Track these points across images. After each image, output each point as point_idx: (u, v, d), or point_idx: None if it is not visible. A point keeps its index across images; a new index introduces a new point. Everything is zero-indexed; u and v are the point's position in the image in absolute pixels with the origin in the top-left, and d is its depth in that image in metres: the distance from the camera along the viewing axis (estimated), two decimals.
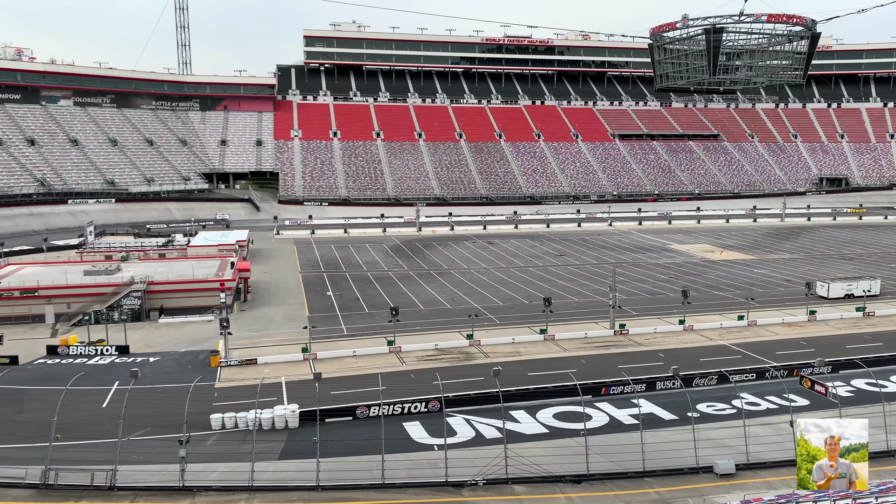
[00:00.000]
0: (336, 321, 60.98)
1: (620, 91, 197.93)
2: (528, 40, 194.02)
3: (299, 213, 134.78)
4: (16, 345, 51.52)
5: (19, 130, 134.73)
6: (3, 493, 29.20)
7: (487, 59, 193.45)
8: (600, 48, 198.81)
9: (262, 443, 33.15)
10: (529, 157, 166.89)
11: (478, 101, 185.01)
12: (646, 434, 31.98)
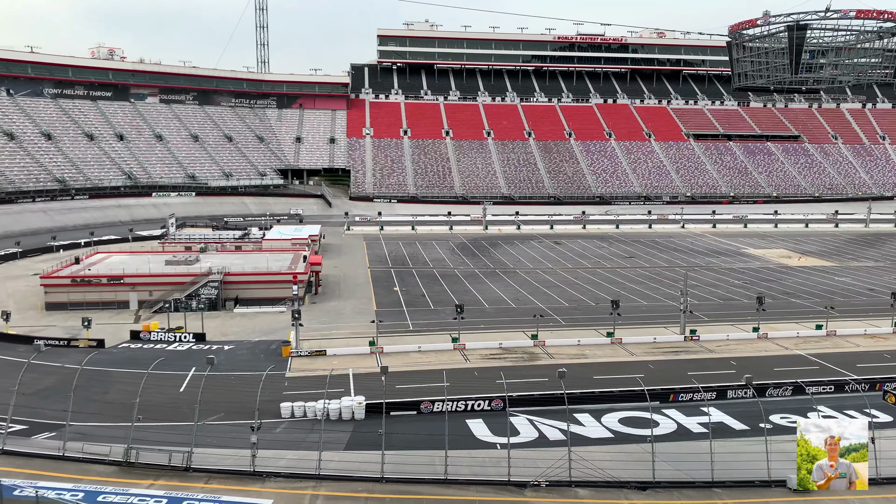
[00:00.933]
0: (402, 316, 61.84)
1: (696, 90, 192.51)
2: (601, 38, 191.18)
3: (369, 209, 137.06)
4: (102, 329, 54.56)
5: (110, 126, 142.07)
6: (90, 467, 30.96)
7: (559, 57, 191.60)
8: (676, 46, 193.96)
9: (330, 433, 33.99)
10: (600, 157, 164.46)
11: (548, 100, 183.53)
12: (715, 443, 31.14)
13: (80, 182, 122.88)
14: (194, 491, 28.85)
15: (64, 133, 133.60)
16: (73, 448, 31.86)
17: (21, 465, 30.76)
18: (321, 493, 29.20)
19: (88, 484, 29.11)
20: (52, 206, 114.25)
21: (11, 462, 31.11)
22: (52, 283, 63.30)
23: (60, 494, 27.56)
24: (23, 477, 28.96)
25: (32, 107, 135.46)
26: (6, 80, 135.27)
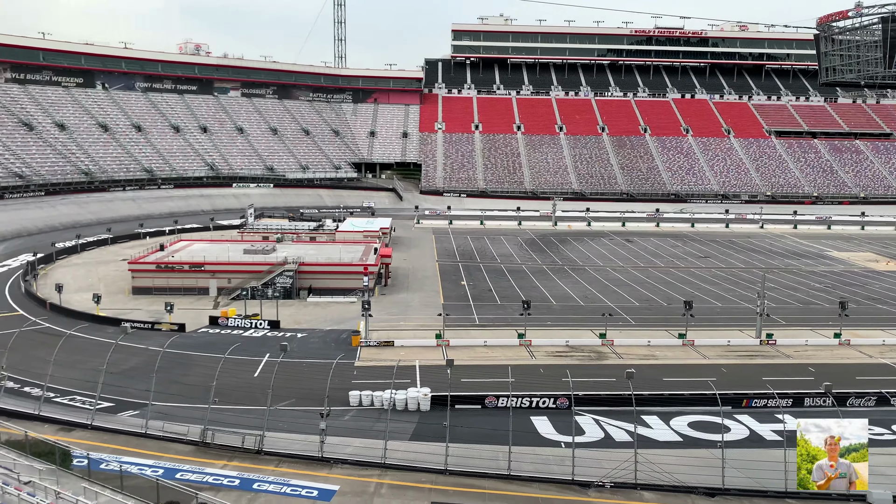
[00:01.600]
0: (469, 310, 62.16)
1: (779, 85, 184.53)
2: (679, 31, 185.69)
3: (439, 203, 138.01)
4: (184, 314, 57.10)
5: (194, 119, 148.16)
6: (169, 446, 32.63)
7: (635, 51, 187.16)
8: (759, 39, 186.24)
9: (395, 422, 34.69)
10: (675, 153, 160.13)
11: (623, 94, 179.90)
12: (790, 452, 30.09)
13: (167, 172, 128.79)
14: (265, 473, 30.01)
15: (152, 125, 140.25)
16: (154, 426, 33.66)
17: (107, 441, 32.72)
18: (386, 481, 29.87)
19: (167, 461, 30.73)
20: (140, 194, 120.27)
21: (99, 437, 33.13)
22: (139, 269, 66.64)
23: (142, 470, 29.21)
24: (108, 451, 30.82)
25: (125, 100, 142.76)
26: (102, 75, 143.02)
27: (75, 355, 43.57)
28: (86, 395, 38.05)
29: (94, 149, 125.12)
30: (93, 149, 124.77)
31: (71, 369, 40.88)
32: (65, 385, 39.49)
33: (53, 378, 37.56)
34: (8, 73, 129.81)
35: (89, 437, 32.86)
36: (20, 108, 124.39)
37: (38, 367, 40.20)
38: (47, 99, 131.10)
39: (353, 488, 29.10)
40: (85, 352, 45.16)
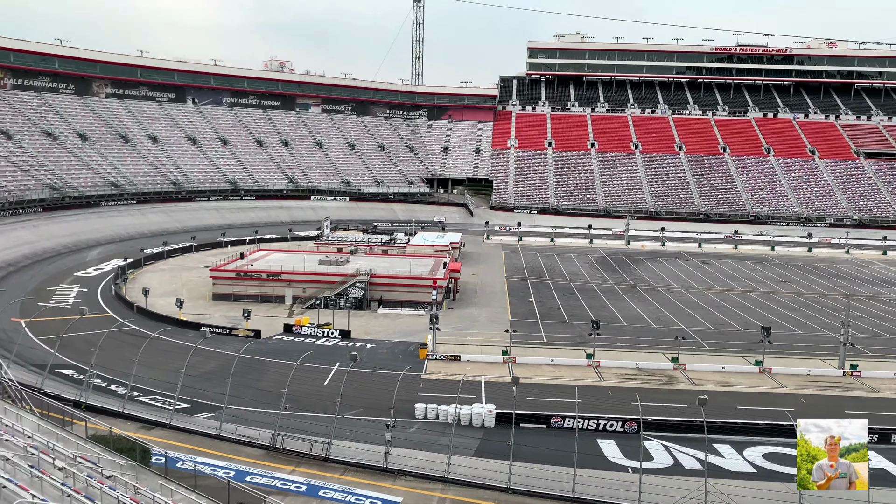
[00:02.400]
0: (536, 328, 61.75)
1: (870, 104, 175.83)
2: (762, 49, 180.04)
3: (509, 219, 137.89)
4: (260, 320, 59.03)
5: (276, 133, 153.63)
6: (241, 449, 33.68)
7: (715, 68, 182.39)
8: (848, 57, 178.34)
9: (460, 437, 34.73)
10: (756, 173, 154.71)
11: (702, 113, 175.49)
12: (875, 492, 28.47)
13: (249, 184, 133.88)
14: (331, 481, 30.55)
15: (237, 139, 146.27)
16: (227, 429, 34.84)
17: (183, 440, 34.08)
18: (449, 496, 29.92)
19: (239, 464, 31.72)
20: (223, 204, 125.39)
21: (176, 436, 34.56)
22: (220, 276, 69.44)
23: (215, 471, 30.26)
24: (184, 451, 32.09)
25: (212, 114, 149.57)
26: (192, 90, 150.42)
27: (158, 357, 45.64)
28: (166, 396, 39.85)
29: (183, 160, 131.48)
30: (181, 160, 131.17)
31: (153, 370, 42.87)
32: (147, 385, 41.49)
33: (137, 378, 39.56)
34: (108, 88, 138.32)
35: (167, 436, 34.29)
36: (118, 121, 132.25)
37: (123, 366, 42.38)
38: (142, 113, 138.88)
39: (416, 501, 29.26)
40: (167, 354, 47.24)
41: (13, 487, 15.53)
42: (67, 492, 17.61)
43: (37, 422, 28.27)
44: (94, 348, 41.98)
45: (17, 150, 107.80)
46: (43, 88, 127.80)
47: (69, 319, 51.74)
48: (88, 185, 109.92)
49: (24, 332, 51.80)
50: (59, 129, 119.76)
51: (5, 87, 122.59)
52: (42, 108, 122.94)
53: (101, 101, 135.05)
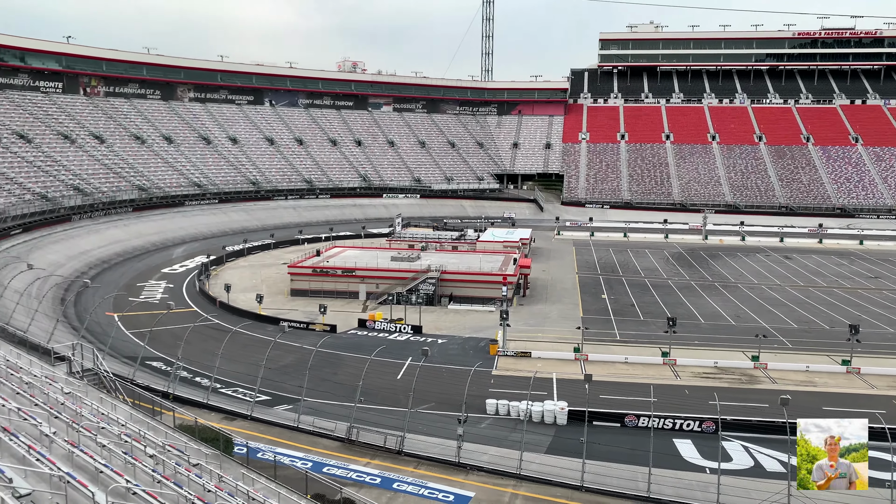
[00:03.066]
0: (609, 325, 60.83)
1: None
2: (850, 32, 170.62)
3: (580, 214, 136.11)
4: (335, 315, 60.52)
5: (350, 133, 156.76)
6: (318, 440, 34.66)
7: (798, 54, 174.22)
8: None
9: (531, 434, 34.69)
10: (843, 164, 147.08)
11: (783, 101, 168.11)
12: None
13: (324, 183, 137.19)
14: (404, 474, 31.05)
15: (312, 139, 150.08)
16: (305, 421, 35.94)
17: (263, 431, 35.37)
18: (521, 492, 29.95)
19: (316, 455, 32.66)
20: (300, 203, 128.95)
21: (256, 427, 35.91)
22: (297, 273, 71.53)
23: (293, 461, 31.30)
24: (264, 442, 33.30)
25: (289, 115, 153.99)
26: (269, 93, 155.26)
27: (239, 350, 47.47)
28: (247, 388, 41.46)
29: (262, 161, 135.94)
30: (260, 161, 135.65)
31: (235, 363, 44.63)
32: (229, 377, 43.25)
33: (220, 370, 41.29)
34: (191, 92, 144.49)
35: (248, 427, 35.67)
36: (200, 124, 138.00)
37: (207, 359, 44.33)
38: (223, 115, 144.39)
39: (488, 496, 29.44)
40: (247, 347, 49.04)
41: (109, 472, 16.56)
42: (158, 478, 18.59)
43: (129, 411, 29.92)
44: (180, 342, 44.06)
45: (110, 154, 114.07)
46: (132, 94, 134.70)
47: (157, 314, 54.50)
48: (174, 186, 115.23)
49: (116, 326, 54.89)
50: (147, 133, 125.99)
51: (98, 94, 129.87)
52: (131, 114, 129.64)
53: (184, 105, 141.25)
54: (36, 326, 45.71)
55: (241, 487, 22.63)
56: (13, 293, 52.19)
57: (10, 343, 37.24)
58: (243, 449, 30.54)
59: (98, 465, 16.70)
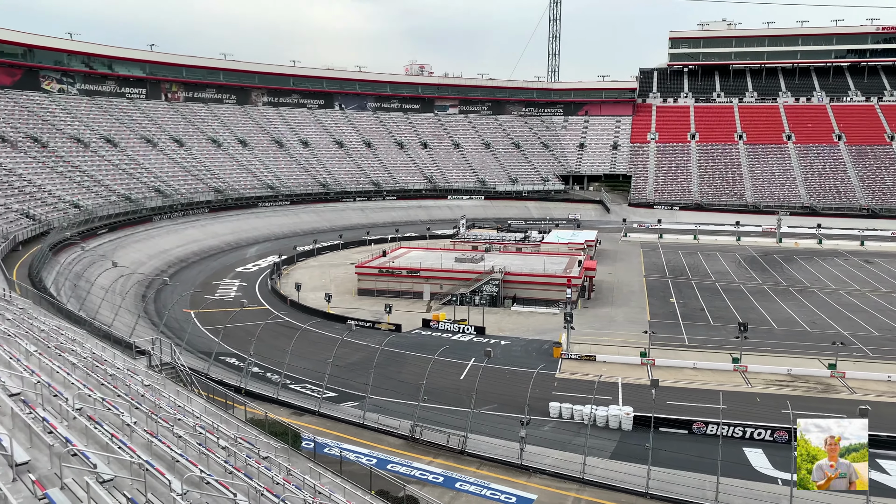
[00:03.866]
0: (677, 329, 59.47)
1: None
2: None
3: (648, 216, 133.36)
4: (400, 315, 61.38)
5: (416, 135, 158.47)
6: (382, 438, 35.25)
7: (882, 50, 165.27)
8: None
9: (595, 438, 34.29)
10: None
11: (865, 99, 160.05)
12: None
13: (391, 185, 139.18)
14: (467, 474, 31.26)
15: (380, 142, 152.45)
16: (370, 418, 36.62)
17: (330, 427, 36.23)
18: (584, 497, 29.69)
19: (380, 452, 33.25)
20: (367, 205, 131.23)
21: (323, 423, 36.80)
22: (364, 273, 72.90)
23: (358, 457, 31.96)
24: (331, 438, 34.12)
25: (357, 119, 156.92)
26: (339, 97, 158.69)
27: (308, 347, 48.78)
28: (315, 385, 42.56)
29: (331, 163, 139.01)
30: (330, 163, 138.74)
31: (304, 360, 45.89)
32: (298, 373, 44.51)
33: (289, 367, 42.54)
34: (265, 97, 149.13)
35: (315, 423, 36.58)
36: (273, 127, 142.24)
37: (277, 355, 45.74)
38: (295, 119, 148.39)
39: (550, 499, 29.31)
40: (316, 345, 50.35)
41: (185, 462, 17.38)
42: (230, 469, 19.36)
43: (204, 404, 31.22)
44: (252, 338, 45.63)
45: (188, 157, 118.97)
46: (209, 99, 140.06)
47: (231, 311, 56.53)
48: (248, 188, 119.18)
49: (193, 322, 57.17)
50: (223, 137, 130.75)
51: (178, 99, 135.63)
52: (208, 118, 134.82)
53: (258, 110, 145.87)
54: (119, 321, 48.20)
55: (308, 481, 23.28)
56: (99, 290, 55.19)
57: (96, 337, 39.41)
58: (311, 444, 31.37)
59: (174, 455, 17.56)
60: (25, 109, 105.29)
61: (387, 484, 28.22)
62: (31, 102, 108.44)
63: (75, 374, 22.09)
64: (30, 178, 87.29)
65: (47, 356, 22.70)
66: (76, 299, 54.48)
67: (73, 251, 69.84)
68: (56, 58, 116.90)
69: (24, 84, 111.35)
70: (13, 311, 32.11)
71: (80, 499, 11.51)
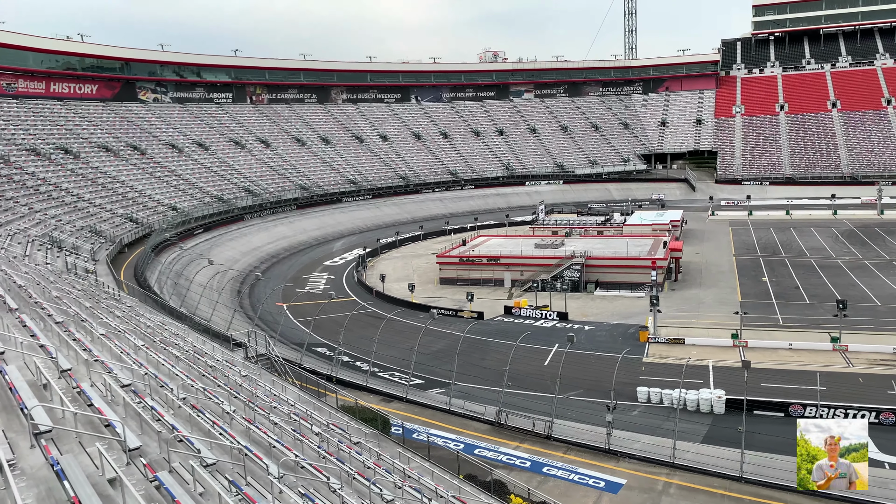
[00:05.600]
0: (770, 309, 57.13)
1: None
2: None
3: (736, 192, 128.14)
4: (482, 303, 61.81)
5: (492, 122, 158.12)
6: (468, 423, 35.86)
7: None
8: None
9: (685, 423, 33.62)
10: None
11: None
12: None
13: (468, 174, 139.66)
14: (554, 459, 31.41)
15: (456, 131, 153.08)
16: (456, 404, 37.32)
17: (417, 413, 37.16)
18: (675, 481, 29.29)
19: (467, 437, 33.86)
20: (446, 195, 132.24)
21: (411, 409, 37.78)
22: (445, 262, 73.73)
23: (446, 442, 32.67)
24: (419, 423, 35.01)
25: (433, 110, 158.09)
26: (415, 89, 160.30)
27: (394, 336, 49.99)
28: (401, 372, 43.63)
29: (409, 156, 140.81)
30: (408, 156, 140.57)
31: (390, 348, 47.10)
32: (385, 361, 45.72)
33: (377, 355, 43.81)
34: (344, 94, 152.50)
35: (403, 409, 37.61)
36: (353, 124, 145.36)
37: (365, 344, 47.11)
38: (373, 114, 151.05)
39: (640, 484, 29.08)
40: (401, 333, 51.52)
41: (280, 447, 18.30)
42: (323, 454, 20.27)
43: (297, 392, 32.68)
44: (341, 328, 47.19)
45: (274, 157, 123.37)
46: (291, 100, 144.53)
47: (320, 303, 58.61)
48: (331, 184, 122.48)
49: (285, 315, 59.63)
50: (306, 135, 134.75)
51: (262, 101, 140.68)
52: (292, 118, 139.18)
53: (338, 107, 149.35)
54: (217, 316, 50.85)
55: (397, 465, 24.06)
56: (197, 286, 58.38)
57: (196, 331, 41.84)
58: (399, 429, 32.31)
59: (271, 441, 18.53)
60: (125, 120, 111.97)
61: (474, 468, 28.75)
62: (130, 113, 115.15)
63: (179, 366, 23.65)
64: (132, 185, 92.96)
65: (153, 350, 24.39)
66: (177, 296, 57.83)
67: (173, 251, 74.03)
68: (150, 69, 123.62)
69: (123, 96, 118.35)
70: (122, 309, 34.56)
71: (187, 481, 12.42)
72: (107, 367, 18.33)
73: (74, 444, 12.68)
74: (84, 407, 14.55)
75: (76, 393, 15.33)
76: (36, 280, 31.12)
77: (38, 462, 11.36)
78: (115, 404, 15.55)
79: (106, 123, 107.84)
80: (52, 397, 14.28)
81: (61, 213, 73.40)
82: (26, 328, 19.87)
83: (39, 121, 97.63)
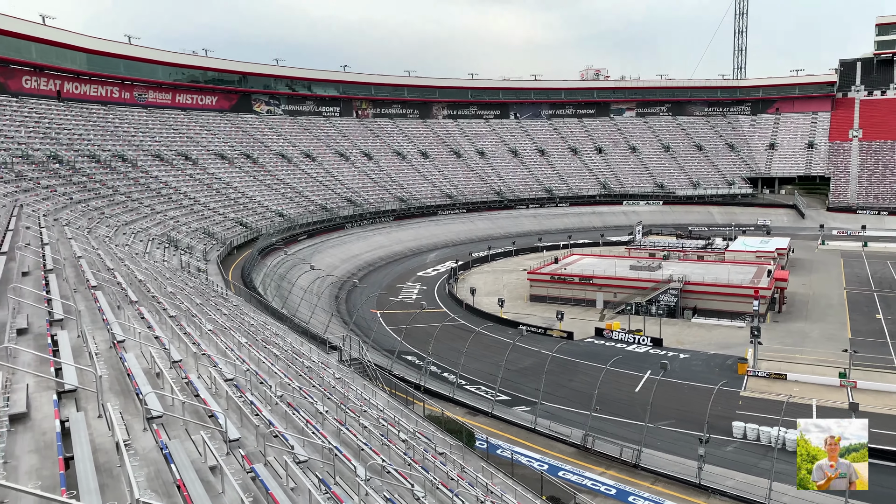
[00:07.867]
0: (885, 349, 53.26)
1: None
2: None
3: (850, 222, 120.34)
4: (572, 323, 61.03)
5: (591, 140, 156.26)
6: (553, 444, 35.49)
7: None
8: None
9: (784, 463, 31.89)
10: None
11: None
12: None
13: (564, 191, 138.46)
14: (640, 489, 30.58)
15: (554, 148, 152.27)
16: (542, 424, 37.05)
17: (502, 429, 37.14)
18: None
19: (552, 458, 33.56)
20: (540, 211, 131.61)
21: (496, 425, 37.83)
22: (536, 279, 73.36)
23: (530, 462, 32.51)
24: (503, 440, 35.00)
25: (532, 127, 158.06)
26: (515, 106, 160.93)
27: (481, 350, 50.20)
28: (488, 387, 43.78)
29: (506, 172, 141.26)
30: (504, 172, 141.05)
31: (477, 362, 47.34)
32: (472, 374, 46.01)
33: (464, 367, 44.18)
34: (445, 110, 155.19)
35: (488, 424, 37.70)
36: (452, 139, 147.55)
37: (453, 356, 47.63)
38: (472, 130, 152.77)
39: None
40: (489, 348, 51.64)
41: (368, 451, 18.84)
42: (408, 461, 20.68)
43: (386, 398, 33.43)
44: (431, 339, 47.92)
45: (376, 169, 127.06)
46: (395, 115, 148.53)
47: (411, 313, 59.68)
48: (428, 197, 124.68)
49: (378, 322, 61.14)
50: (406, 149, 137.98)
51: (367, 115, 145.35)
52: (394, 132, 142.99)
53: (439, 123, 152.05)
54: (315, 319, 52.87)
55: (480, 480, 24.18)
56: (299, 290, 60.87)
57: (295, 332, 43.65)
58: (484, 444, 32.45)
59: (360, 443, 19.11)
60: (240, 130, 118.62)
61: (557, 490, 28.48)
62: (245, 123, 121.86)
63: (278, 365, 24.82)
64: (243, 191, 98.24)
65: (255, 347, 25.70)
66: (279, 298, 60.52)
67: (278, 255, 77.56)
68: (265, 82, 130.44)
69: (239, 107, 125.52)
70: (229, 307, 36.58)
71: (280, 475, 13.06)
72: (213, 360, 19.53)
73: (181, 431, 13.62)
74: (191, 397, 15.59)
75: (185, 383, 16.42)
76: (154, 276, 33.52)
77: (149, 444, 12.28)
78: (218, 396, 16.53)
79: (223, 133, 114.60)
80: (164, 385, 15.37)
81: (179, 214, 78.50)
82: (144, 320, 21.45)
83: (164, 129, 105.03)
